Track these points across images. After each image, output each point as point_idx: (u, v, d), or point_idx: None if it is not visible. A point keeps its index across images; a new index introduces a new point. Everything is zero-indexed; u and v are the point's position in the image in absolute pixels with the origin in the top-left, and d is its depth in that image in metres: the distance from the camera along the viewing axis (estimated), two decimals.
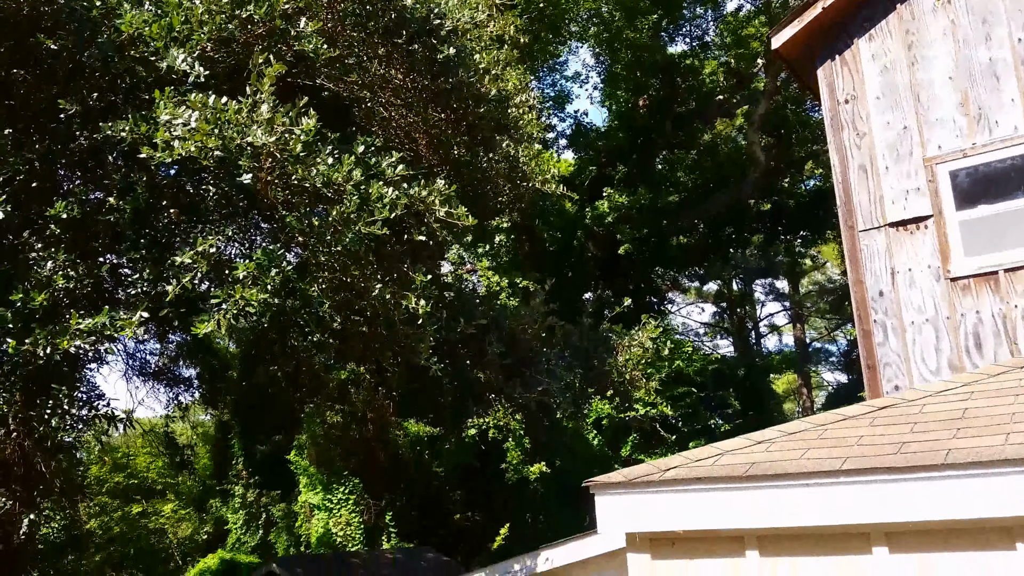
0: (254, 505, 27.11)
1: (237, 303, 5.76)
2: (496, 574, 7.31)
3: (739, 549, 3.95)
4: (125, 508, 29.71)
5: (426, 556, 19.26)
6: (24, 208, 7.16)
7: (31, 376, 8.09)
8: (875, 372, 6.41)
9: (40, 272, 6.46)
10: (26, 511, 9.53)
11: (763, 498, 3.79)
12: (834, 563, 3.73)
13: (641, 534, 4.21)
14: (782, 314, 35.38)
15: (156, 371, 13.12)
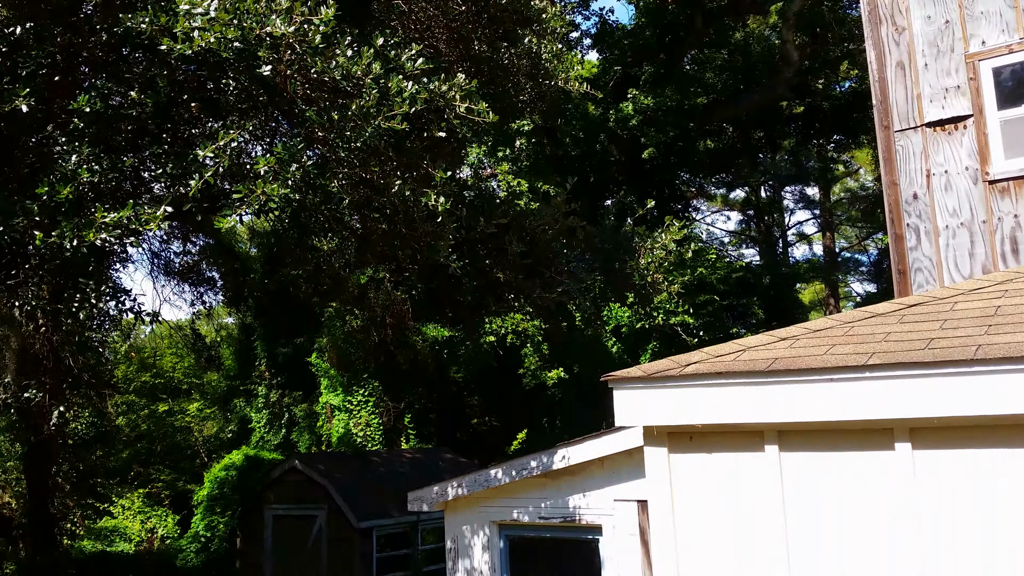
0: (276, 405, 27.66)
1: (258, 198, 5.73)
2: (513, 470, 7.42)
3: (758, 443, 3.95)
4: (152, 406, 30.41)
5: (444, 456, 19.68)
6: (47, 102, 7.10)
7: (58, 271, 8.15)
8: (905, 277, 6.32)
9: (65, 166, 6.43)
10: (56, 403, 9.78)
11: (784, 393, 3.77)
12: (855, 458, 3.73)
13: (659, 427, 4.22)
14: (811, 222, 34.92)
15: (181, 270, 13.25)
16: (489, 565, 7.56)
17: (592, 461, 7.01)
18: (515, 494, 7.50)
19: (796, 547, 3.79)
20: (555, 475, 7.23)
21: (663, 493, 4.15)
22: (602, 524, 6.94)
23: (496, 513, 7.60)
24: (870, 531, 3.64)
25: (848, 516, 3.70)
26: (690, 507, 4.10)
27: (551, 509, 7.22)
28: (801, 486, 3.83)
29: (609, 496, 6.92)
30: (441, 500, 7.85)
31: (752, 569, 3.84)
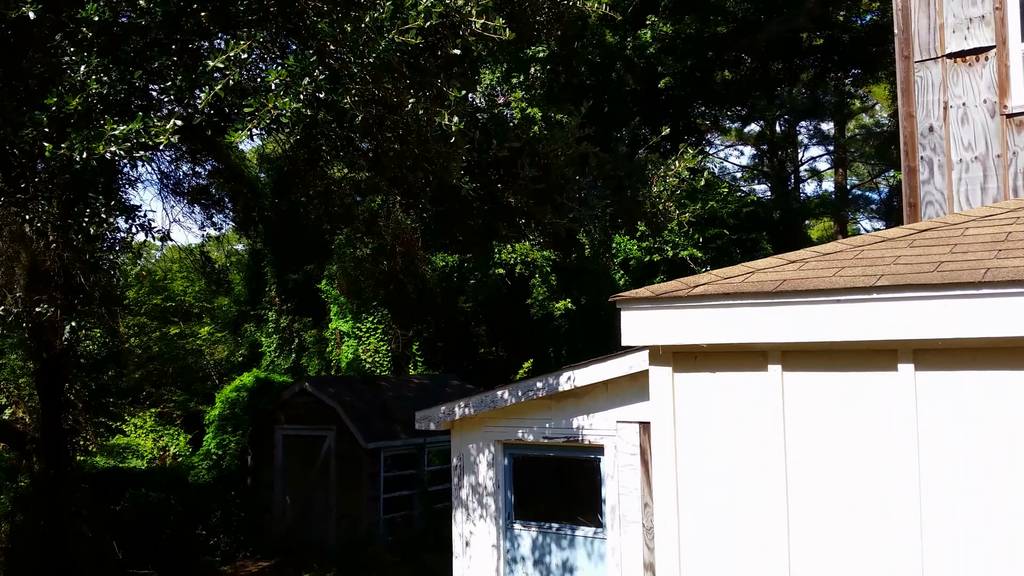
0: (286, 330, 27.88)
1: (269, 112, 5.69)
2: (519, 391, 7.52)
3: (762, 363, 3.98)
4: (163, 329, 30.68)
5: (451, 383, 19.90)
6: (55, 10, 7.02)
7: (68, 185, 8.16)
8: (916, 211, 6.28)
9: (74, 76, 6.39)
10: (67, 319, 9.85)
11: (791, 314, 3.78)
12: (856, 379, 3.76)
13: (665, 347, 4.24)
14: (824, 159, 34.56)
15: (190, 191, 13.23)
16: (493, 481, 7.71)
17: (596, 384, 7.09)
18: (520, 415, 7.62)
19: (794, 465, 3.84)
20: (560, 397, 7.32)
21: (666, 411, 4.20)
22: (604, 444, 7.05)
23: (501, 433, 7.73)
24: (868, 450, 3.69)
25: (846, 435, 3.75)
26: (691, 425, 4.15)
27: (555, 429, 7.34)
28: (801, 406, 3.87)
29: (612, 418, 7.02)
30: (448, 419, 7.97)
31: (750, 483, 3.91)
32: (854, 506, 3.68)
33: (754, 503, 3.89)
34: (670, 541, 4.10)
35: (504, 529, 7.74)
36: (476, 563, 7.82)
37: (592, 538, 7.29)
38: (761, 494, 3.88)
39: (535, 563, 7.54)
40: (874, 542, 3.64)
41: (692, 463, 4.11)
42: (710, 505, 4.00)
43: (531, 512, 7.76)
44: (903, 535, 3.55)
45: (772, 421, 3.88)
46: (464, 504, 7.89)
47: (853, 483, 3.69)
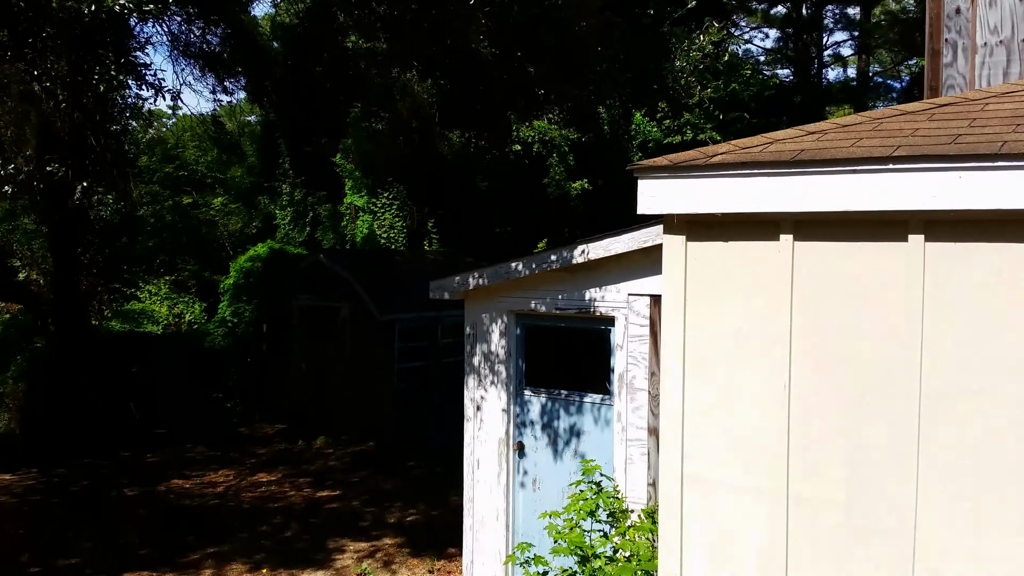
0: (301, 204, 27.89)
1: None
2: (533, 263, 7.60)
3: (774, 233, 4.01)
4: (176, 198, 30.69)
5: (465, 260, 20.04)
6: None
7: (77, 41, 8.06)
8: (937, 94, 6.18)
9: None
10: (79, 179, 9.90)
11: (807, 184, 3.79)
12: (867, 248, 3.79)
13: (679, 216, 4.27)
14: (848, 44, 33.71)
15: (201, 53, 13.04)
16: (505, 349, 7.89)
17: (609, 258, 7.15)
18: (533, 287, 7.72)
19: (799, 332, 3.92)
20: (573, 269, 7.40)
21: (677, 279, 4.26)
22: (615, 316, 7.17)
23: (514, 303, 7.86)
24: (872, 320, 3.76)
25: (852, 304, 3.81)
26: (701, 294, 4.21)
27: (567, 301, 7.45)
28: (809, 276, 3.91)
29: (623, 291, 7.12)
30: (462, 289, 8.09)
31: (758, 349, 4.00)
32: (856, 375, 3.78)
33: (758, 371, 3.99)
34: (675, 408, 4.23)
35: (514, 395, 7.96)
36: (487, 426, 8.08)
37: (599, 404, 7.50)
38: (765, 362, 3.97)
39: (543, 427, 7.79)
40: (876, 414, 3.74)
41: (700, 331, 4.19)
42: (715, 373, 4.11)
43: (541, 380, 7.97)
44: (904, 408, 3.65)
45: (781, 290, 3.94)
46: (476, 371, 8.09)
47: (856, 352, 3.78)
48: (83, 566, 9.80)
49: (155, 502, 12.53)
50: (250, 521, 11.59)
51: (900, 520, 3.65)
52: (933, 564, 3.52)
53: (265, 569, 9.74)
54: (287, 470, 14.34)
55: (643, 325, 7.00)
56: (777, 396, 3.99)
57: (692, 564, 4.19)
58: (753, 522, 4.03)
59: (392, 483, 13.48)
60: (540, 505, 7.85)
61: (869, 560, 3.69)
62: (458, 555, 9.44)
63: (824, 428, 3.89)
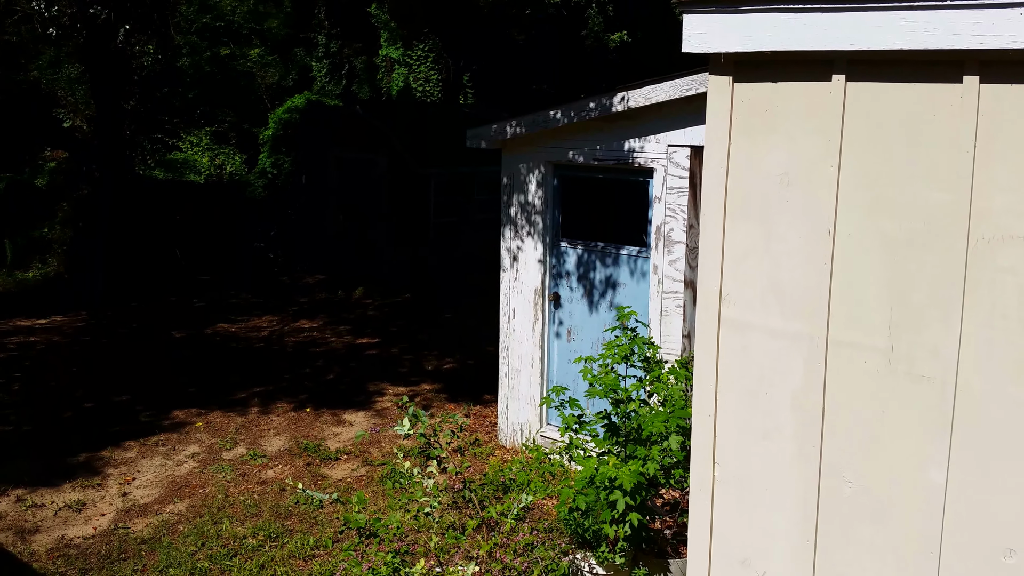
0: (336, 56, 27.49)
1: None
2: (572, 111, 7.48)
3: (826, 73, 3.89)
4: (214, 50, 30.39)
5: (502, 115, 19.78)
6: None
7: None
8: None
9: None
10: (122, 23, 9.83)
11: (863, 21, 3.65)
12: (920, 90, 3.67)
13: (727, 54, 4.14)
14: None
15: None
16: (542, 200, 7.88)
17: (650, 106, 7.02)
18: (571, 136, 7.63)
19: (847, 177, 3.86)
20: (612, 119, 7.28)
21: (722, 123, 4.18)
22: (654, 168, 7.10)
23: (551, 154, 7.79)
24: (922, 164, 3.69)
25: (903, 148, 3.73)
26: (745, 135, 4.14)
27: (605, 151, 7.37)
28: (861, 117, 3.82)
29: (663, 142, 7.02)
30: (499, 138, 8.02)
31: (803, 193, 3.95)
32: (902, 220, 3.74)
33: (802, 215, 3.96)
34: (714, 250, 4.22)
35: (551, 246, 8.00)
36: (522, 276, 8.17)
37: (636, 257, 7.53)
38: (811, 206, 3.93)
39: (579, 278, 7.86)
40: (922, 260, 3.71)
41: (743, 174, 4.14)
42: (757, 217, 4.08)
43: (577, 232, 7.98)
44: (950, 254, 3.61)
45: (830, 133, 3.87)
46: (513, 221, 8.12)
47: (904, 196, 3.72)
48: (134, 402, 10.25)
49: (202, 344, 12.97)
50: (293, 364, 11.99)
51: (941, 367, 3.66)
52: (973, 411, 3.56)
53: (309, 408, 10.15)
54: (327, 318, 14.70)
55: (682, 177, 6.93)
56: (821, 240, 3.95)
57: (727, 407, 4.27)
58: (790, 366, 4.08)
59: (429, 333, 13.79)
60: (575, 355, 8.00)
61: (907, 406, 3.72)
62: (493, 401, 9.75)
63: (867, 274, 3.88)
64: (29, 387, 10.80)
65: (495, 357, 9.02)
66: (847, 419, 3.85)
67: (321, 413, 10.02)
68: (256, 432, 9.40)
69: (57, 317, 14.39)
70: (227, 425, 9.58)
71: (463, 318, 14.63)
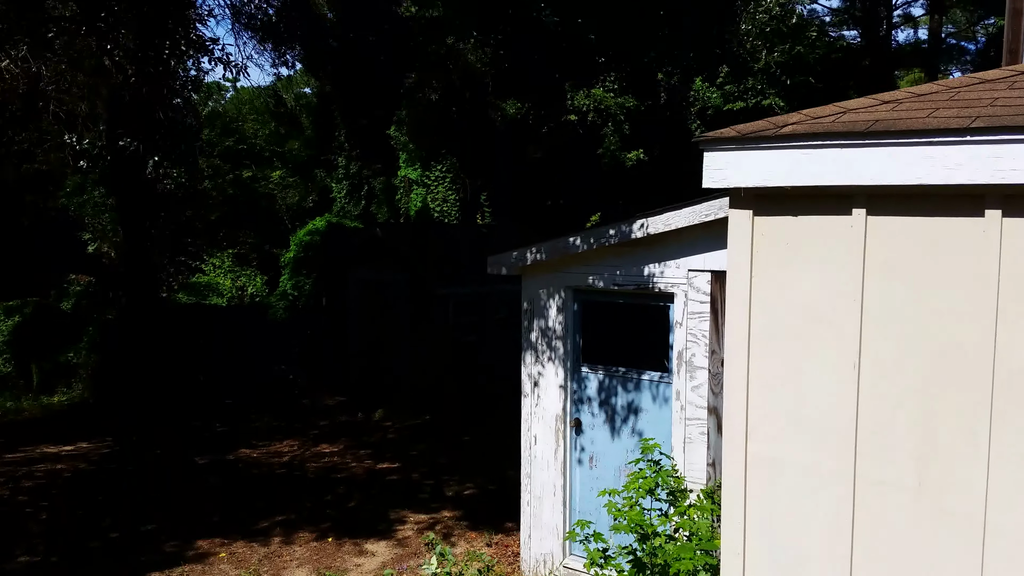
0: (356, 177, 28.10)
1: None
2: (591, 237, 7.52)
3: (846, 207, 3.89)
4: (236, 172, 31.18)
5: (518, 233, 20.01)
6: None
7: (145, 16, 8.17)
8: (1016, 57, 5.95)
9: None
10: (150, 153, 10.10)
11: (881, 156, 3.66)
12: (943, 223, 3.66)
13: (747, 189, 4.16)
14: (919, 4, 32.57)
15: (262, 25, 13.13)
16: (562, 325, 7.85)
17: (669, 232, 7.04)
18: (591, 261, 7.65)
19: (870, 308, 3.81)
20: (632, 244, 7.31)
21: (743, 255, 4.17)
22: (674, 292, 7.07)
23: (572, 279, 7.80)
24: (946, 298, 3.64)
25: (926, 281, 3.69)
26: (768, 271, 4.11)
27: (626, 276, 7.37)
28: (883, 250, 3.80)
29: (683, 267, 7.01)
30: (520, 264, 8.05)
31: (827, 327, 3.90)
32: (926, 352, 3.66)
33: (827, 349, 3.90)
34: (739, 384, 4.15)
35: (572, 371, 7.93)
36: (543, 401, 8.07)
37: (658, 382, 7.44)
38: (835, 340, 3.87)
39: (601, 404, 7.75)
40: (949, 394, 3.63)
41: (766, 308, 4.10)
42: (781, 351, 4.02)
43: (598, 356, 7.91)
44: (977, 388, 3.54)
45: (852, 266, 3.83)
46: (533, 346, 8.07)
47: (929, 330, 3.66)
48: (159, 531, 10.10)
49: (224, 470, 12.84)
50: (315, 490, 11.80)
51: (971, 503, 3.55)
52: (1004, 548, 3.42)
53: (331, 537, 9.91)
54: (348, 441, 14.55)
55: (703, 302, 6.90)
56: (846, 375, 3.88)
57: (755, 543, 4.13)
58: (819, 502, 3.95)
59: (448, 456, 13.59)
60: (597, 483, 7.83)
61: (938, 544, 3.59)
62: (515, 530, 9.49)
63: (894, 408, 3.79)
64: (56, 516, 10.72)
65: (516, 482, 8.83)
66: (878, 556, 3.72)
67: (343, 543, 9.78)
68: (279, 564, 9.17)
69: (83, 443, 14.37)
70: (250, 556, 9.37)
71: (483, 440, 14.43)
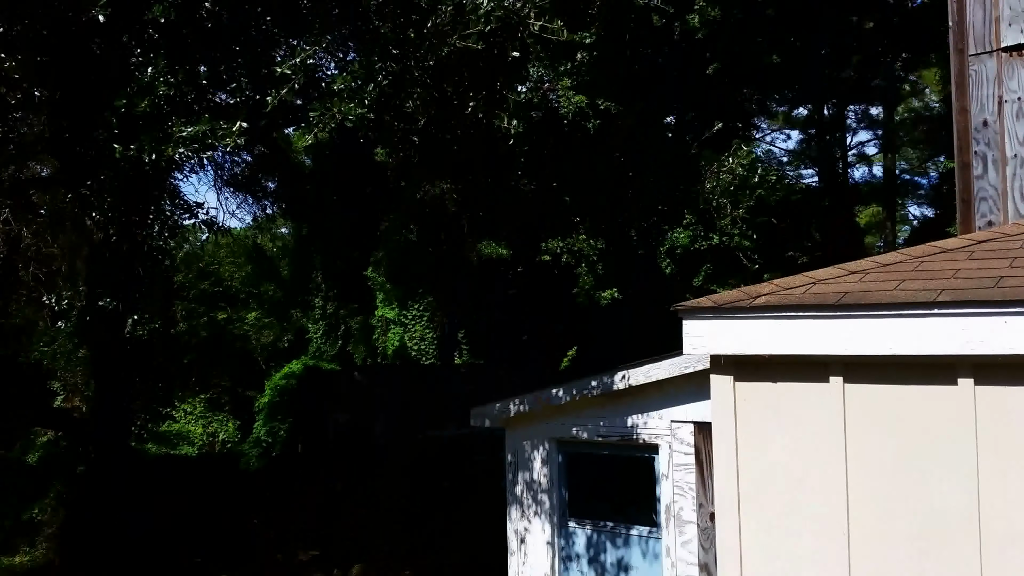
0: (333, 317, 28.17)
1: (335, 116, 5.83)
2: (574, 389, 7.62)
3: (823, 375, 4.04)
4: (211, 314, 31.09)
5: (497, 372, 20.07)
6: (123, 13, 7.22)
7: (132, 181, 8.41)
8: (969, 207, 6.24)
9: (142, 78, 6.57)
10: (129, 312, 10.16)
11: (853, 328, 3.84)
12: (916, 392, 3.81)
13: (727, 356, 4.32)
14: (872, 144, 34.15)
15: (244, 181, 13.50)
16: (548, 478, 7.84)
17: (650, 384, 7.17)
18: (575, 412, 7.73)
19: (855, 475, 3.91)
20: (614, 395, 7.41)
21: (727, 419, 4.28)
22: (659, 444, 7.14)
23: (555, 430, 7.85)
24: (928, 464, 3.75)
25: (906, 447, 3.81)
26: (752, 434, 4.23)
27: (609, 428, 7.44)
28: (862, 417, 3.93)
29: (666, 417, 7.10)
30: (503, 416, 8.10)
31: (814, 493, 3.98)
32: (912, 519, 3.74)
33: (814, 513, 3.97)
34: (731, 557, 4.19)
35: (558, 526, 7.86)
36: (531, 560, 7.96)
37: (647, 537, 7.39)
38: (822, 507, 3.95)
39: (590, 561, 7.66)
40: (937, 559, 3.70)
41: (753, 475, 4.19)
42: (771, 518, 4.08)
43: (585, 510, 7.87)
44: (965, 552, 3.61)
45: (834, 432, 3.95)
46: (519, 500, 8.03)
47: (913, 496, 3.75)
48: None
49: None
50: None
51: None
52: None
53: None
54: None
55: (688, 453, 6.96)
56: (836, 541, 3.94)
57: None
58: None
59: None
60: None
61: None
62: None
63: (884, 573, 3.84)
64: None
65: None
66: None
67: None
68: None
69: None
70: None
71: None
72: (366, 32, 6.78)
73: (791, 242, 21.16)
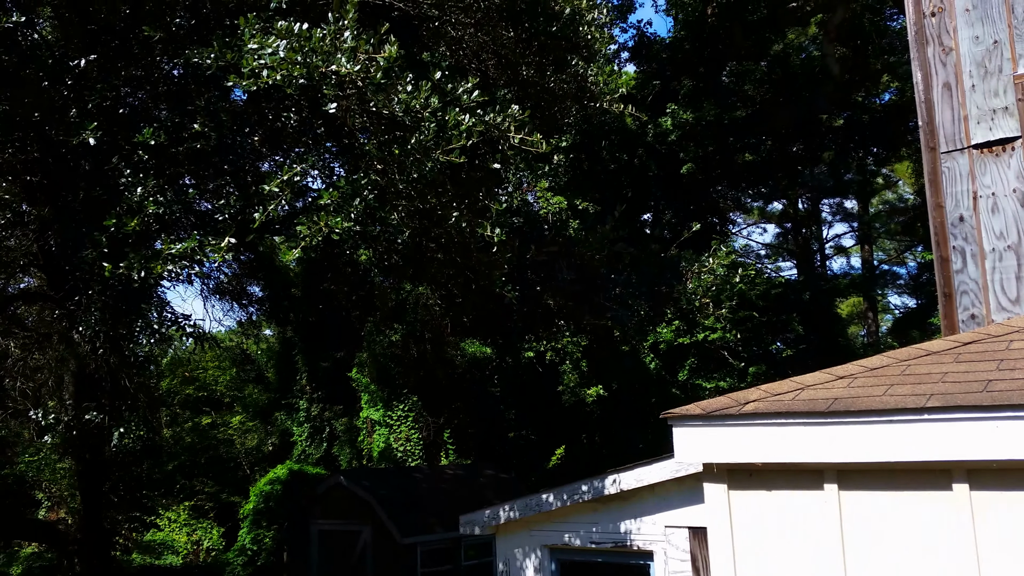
0: (318, 419, 27.91)
1: (321, 230, 5.92)
2: (564, 495, 7.54)
3: (818, 482, 4.04)
4: (195, 419, 30.79)
5: (484, 472, 19.80)
6: (112, 135, 7.38)
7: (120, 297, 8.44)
8: (951, 300, 6.33)
9: (131, 198, 6.67)
10: (115, 424, 10.04)
11: (844, 434, 3.86)
12: (912, 497, 3.81)
13: (719, 464, 4.31)
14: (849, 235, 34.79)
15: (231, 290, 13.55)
16: None
17: (642, 488, 7.11)
18: (566, 518, 7.63)
19: None
20: (606, 500, 7.34)
21: (723, 528, 4.25)
22: (653, 550, 7.03)
23: (547, 537, 7.73)
24: (927, 570, 3.72)
25: (904, 553, 3.79)
26: (749, 542, 4.19)
27: (602, 534, 7.34)
28: (859, 523, 3.91)
29: (660, 522, 7.02)
30: (493, 524, 7.98)
31: None
32: None
33: None
34: None
35: None
36: None
37: None
38: None
39: None
40: None
41: None
42: None
43: None
44: None
45: (831, 539, 3.93)
46: None
47: None
48: None
49: None
50: None
51: None
52: None
53: None
54: None
55: (684, 560, 6.86)
56: None
57: None
58: None
59: None
60: None
61: None
62: None
63: None
64: None
65: None
66: None
67: None
68: None
69: None
70: None
71: None
72: (352, 148, 6.95)
73: (774, 335, 21.35)
